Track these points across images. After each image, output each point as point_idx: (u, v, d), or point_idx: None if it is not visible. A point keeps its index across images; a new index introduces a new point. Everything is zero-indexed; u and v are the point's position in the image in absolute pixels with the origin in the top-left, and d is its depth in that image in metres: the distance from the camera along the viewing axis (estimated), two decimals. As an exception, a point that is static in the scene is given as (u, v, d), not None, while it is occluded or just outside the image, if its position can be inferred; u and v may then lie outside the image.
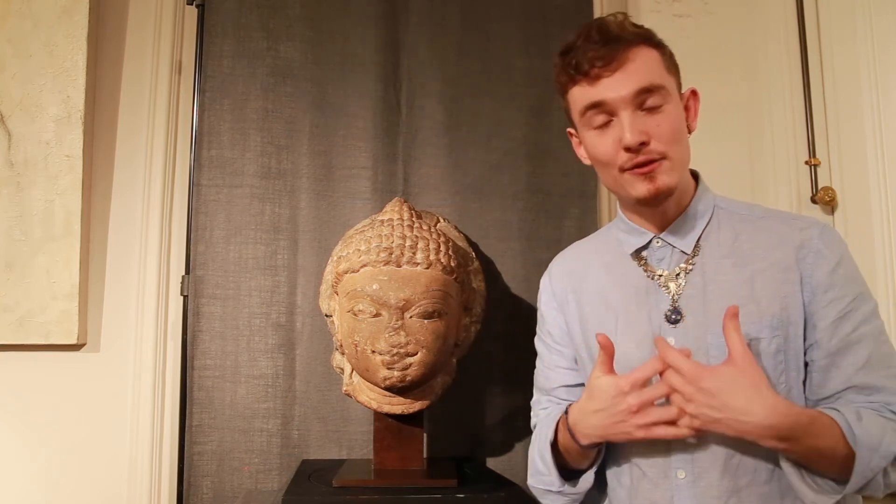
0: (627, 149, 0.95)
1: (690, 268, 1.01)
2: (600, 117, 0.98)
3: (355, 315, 1.28)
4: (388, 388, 1.30)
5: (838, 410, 0.89)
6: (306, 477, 1.39)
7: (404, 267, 1.27)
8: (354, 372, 1.37)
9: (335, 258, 1.37)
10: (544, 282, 1.19)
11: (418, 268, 1.27)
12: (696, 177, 1.07)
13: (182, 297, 1.64)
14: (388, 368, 1.26)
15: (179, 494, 1.57)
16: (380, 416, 1.39)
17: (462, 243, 1.45)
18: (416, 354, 1.26)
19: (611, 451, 1.06)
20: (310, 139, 1.68)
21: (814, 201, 1.72)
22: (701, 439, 0.95)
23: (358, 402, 1.38)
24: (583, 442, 0.98)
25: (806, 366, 0.97)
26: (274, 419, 1.60)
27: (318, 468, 1.46)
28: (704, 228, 1.03)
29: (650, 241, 1.05)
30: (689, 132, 1.03)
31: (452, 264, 1.31)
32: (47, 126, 1.64)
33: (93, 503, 1.62)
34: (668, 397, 0.89)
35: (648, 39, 0.99)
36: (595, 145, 1.00)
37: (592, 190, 1.73)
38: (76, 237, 1.62)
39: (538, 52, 1.73)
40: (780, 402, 0.85)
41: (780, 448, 0.87)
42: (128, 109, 1.75)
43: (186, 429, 1.58)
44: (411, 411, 1.35)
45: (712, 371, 0.87)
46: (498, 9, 1.75)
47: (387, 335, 1.25)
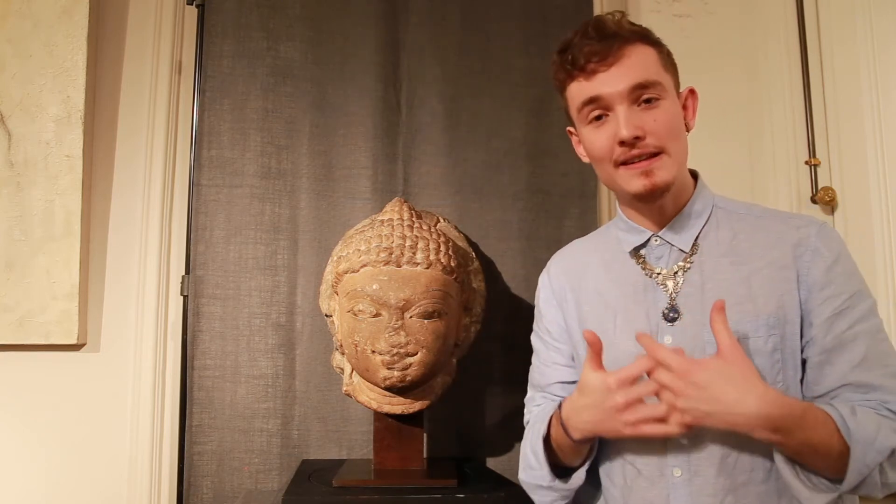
0: (622, 143, 0.95)
1: (689, 266, 1.01)
2: (597, 112, 0.98)
3: (355, 315, 1.28)
4: (388, 388, 1.30)
5: (833, 406, 0.88)
6: (306, 477, 1.39)
7: (404, 267, 1.27)
8: (354, 372, 1.37)
9: (335, 258, 1.37)
10: (543, 279, 1.19)
11: (418, 268, 1.27)
12: (695, 176, 1.07)
13: (182, 297, 1.65)
14: (388, 368, 1.26)
15: (179, 494, 1.57)
16: (380, 416, 1.39)
17: (462, 243, 1.45)
18: (416, 354, 1.26)
19: (605, 449, 1.05)
20: (310, 139, 1.68)
21: (814, 201, 1.72)
22: (696, 437, 0.94)
23: (358, 402, 1.38)
24: (575, 436, 0.97)
25: (803, 364, 0.96)
26: (274, 419, 1.60)
27: (318, 468, 1.46)
28: (703, 227, 1.03)
29: (648, 240, 1.05)
30: (688, 130, 1.03)
31: (452, 264, 1.31)
32: (47, 126, 1.64)
33: (93, 503, 1.62)
34: (658, 395, 0.88)
35: (645, 37, 0.99)
36: (591, 141, 1.00)
37: (592, 190, 1.73)
38: (76, 237, 1.62)
39: (538, 52, 1.73)
40: (770, 393, 0.85)
41: (773, 440, 0.86)
42: (128, 109, 1.75)
43: (186, 429, 1.58)
44: (411, 411, 1.35)
45: (701, 364, 0.87)
46: (498, 9, 1.76)
47: (387, 335, 1.25)
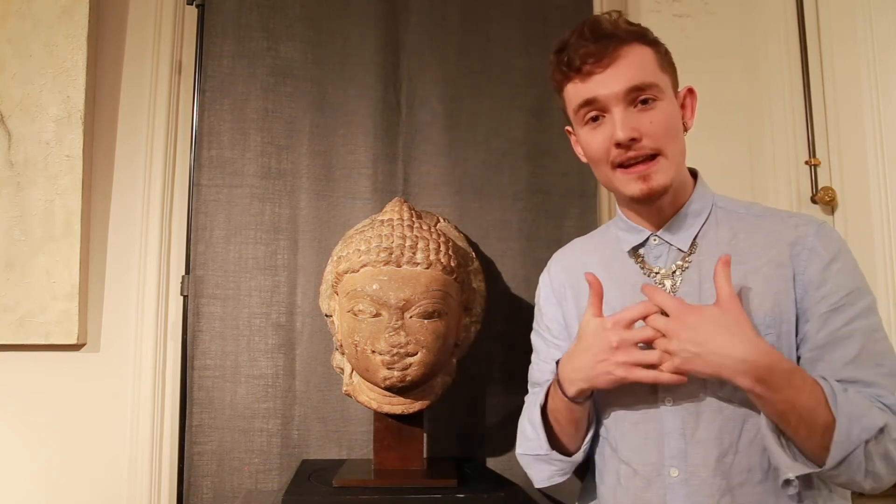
0: (618, 145, 0.95)
1: (687, 265, 1.01)
2: (593, 114, 0.98)
3: (355, 315, 1.28)
4: (388, 388, 1.30)
5: (825, 379, 0.88)
6: (306, 477, 1.39)
7: (404, 267, 1.27)
8: (354, 372, 1.37)
9: (335, 258, 1.37)
10: (543, 278, 1.19)
11: (418, 268, 1.27)
12: (694, 175, 1.07)
13: (182, 297, 1.64)
14: (388, 368, 1.26)
15: (179, 494, 1.57)
16: (380, 416, 1.39)
17: (462, 243, 1.45)
18: (416, 354, 1.26)
19: (598, 450, 1.06)
20: (310, 139, 1.68)
21: (814, 201, 1.72)
22: (694, 435, 0.94)
23: (358, 402, 1.38)
24: (569, 390, 0.97)
25: (798, 362, 0.96)
26: (274, 419, 1.60)
27: (318, 468, 1.46)
28: (702, 227, 1.03)
29: (647, 239, 1.05)
30: (686, 130, 1.03)
31: (452, 264, 1.31)
32: (47, 126, 1.64)
33: (93, 503, 1.62)
34: (653, 344, 0.90)
35: (642, 37, 0.99)
36: (588, 142, 1.01)
37: (592, 189, 1.73)
38: (76, 237, 1.62)
39: (538, 52, 1.73)
40: (761, 342, 0.86)
41: (757, 392, 0.85)
42: (128, 109, 1.75)
43: (186, 429, 1.58)
44: (411, 411, 1.35)
45: (696, 308, 0.89)
46: (498, 9, 1.75)
47: (387, 335, 1.25)
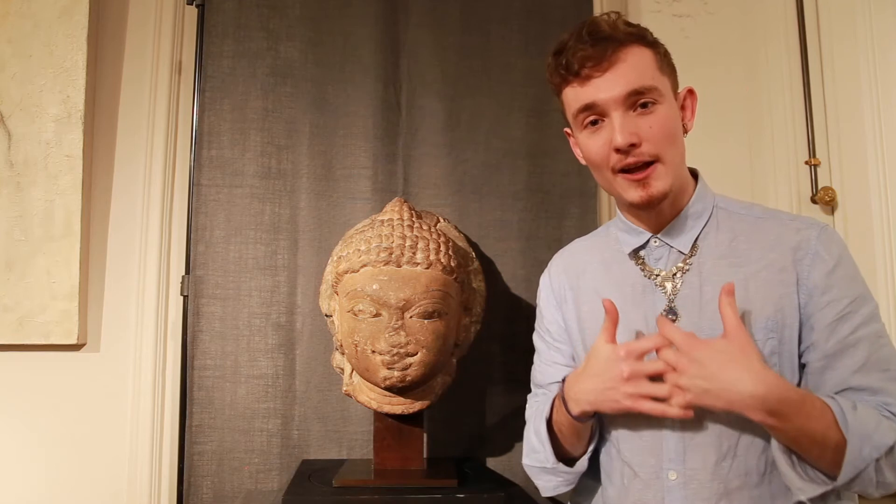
0: (618, 150, 0.95)
1: (687, 268, 1.01)
2: (592, 118, 0.98)
3: (355, 315, 1.28)
4: (388, 388, 1.30)
5: (834, 398, 0.88)
6: (306, 477, 1.39)
7: (404, 267, 1.27)
8: (354, 372, 1.37)
9: (335, 258, 1.37)
10: (544, 279, 1.19)
11: (418, 268, 1.27)
12: (695, 175, 1.07)
13: (182, 297, 1.64)
14: (388, 368, 1.26)
15: (179, 494, 1.57)
16: (380, 416, 1.39)
17: (462, 243, 1.45)
18: (416, 354, 1.26)
19: (604, 450, 1.06)
20: (310, 139, 1.68)
21: (814, 201, 1.72)
22: (693, 439, 0.95)
23: (358, 402, 1.38)
24: (573, 410, 0.97)
25: (801, 368, 0.96)
26: (274, 419, 1.60)
27: (318, 468, 1.46)
28: (703, 228, 1.02)
29: (648, 241, 1.05)
30: (686, 132, 1.02)
31: (452, 264, 1.31)
32: (47, 126, 1.64)
33: (93, 503, 1.62)
34: (664, 377, 0.89)
35: (641, 39, 0.97)
36: (588, 146, 1.00)
37: (592, 189, 1.73)
38: (76, 237, 1.62)
39: (538, 52, 1.73)
40: (770, 375, 0.85)
41: (769, 423, 0.85)
42: (128, 109, 1.75)
43: (186, 429, 1.58)
44: (411, 411, 1.35)
45: (705, 343, 0.88)
46: (498, 9, 1.76)
47: (387, 335, 1.25)
